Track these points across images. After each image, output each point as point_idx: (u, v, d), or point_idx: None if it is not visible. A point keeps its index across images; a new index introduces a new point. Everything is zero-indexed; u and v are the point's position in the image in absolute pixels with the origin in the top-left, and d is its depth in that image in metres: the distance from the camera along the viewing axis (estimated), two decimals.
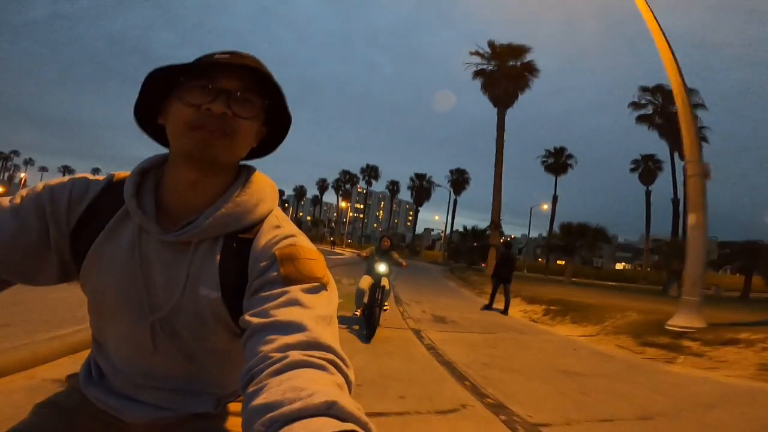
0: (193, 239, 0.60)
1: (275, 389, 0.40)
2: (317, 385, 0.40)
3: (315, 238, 71.61)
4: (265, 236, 0.61)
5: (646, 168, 32.74)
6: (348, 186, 70.70)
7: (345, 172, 71.41)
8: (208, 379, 0.65)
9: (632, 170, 33.68)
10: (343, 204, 72.34)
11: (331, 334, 0.51)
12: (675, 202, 25.35)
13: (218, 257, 0.60)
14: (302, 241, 0.61)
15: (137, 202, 0.61)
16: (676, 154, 24.92)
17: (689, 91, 7.03)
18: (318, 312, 0.52)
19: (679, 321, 5.26)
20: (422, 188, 56.08)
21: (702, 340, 4.71)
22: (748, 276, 20.69)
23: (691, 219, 5.53)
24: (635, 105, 26.09)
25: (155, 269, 0.61)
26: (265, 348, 0.47)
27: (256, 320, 0.51)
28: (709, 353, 4.43)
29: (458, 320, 6.56)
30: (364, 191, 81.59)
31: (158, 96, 0.61)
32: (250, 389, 0.43)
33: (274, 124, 0.67)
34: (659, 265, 25.39)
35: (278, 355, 0.45)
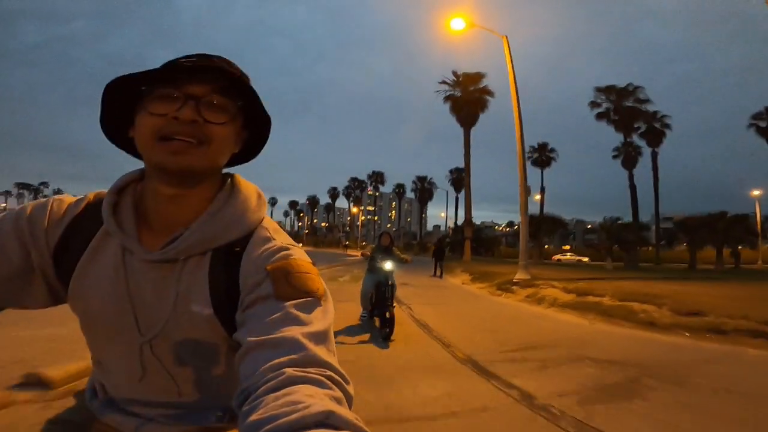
0: (179, 256, 0.57)
1: (272, 404, 0.39)
2: (314, 398, 0.39)
3: (331, 243, 76.80)
4: (255, 249, 0.59)
5: (628, 154, 36.16)
6: (358, 192, 75.43)
7: (354, 179, 76.23)
8: (211, 393, 0.63)
9: (614, 157, 37.12)
10: (354, 209, 77.34)
11: (327, 350, 0.50)
12: (632, 187, 29.05)
13: (207, 273, 0.58)
14: (296, 254, 0.59)
15: (116, 222, 0.59)
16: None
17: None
18: (313, 328, 0.50)
19: (518, 276, 9.65)
20: (424, 189, 60.35)
21: (519, 286, 9.09)
22: (693, 249, 24.15)
23: (522, 218, 9.92)
24: (593, 104, 29.84)
25: (143, 289, 0.58)
26: (260, 367, 0.45)
27: (249, 338, 0.49)
28: (516, 291, 8.81)
29: (415, 283, 10.96)
30: (374, 194, 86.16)
31: (126, 107, 0.58)
32: (246, 407, 0.42)
33: (255, 127, 0.64)
34: (594, 245, 30.19)
35: (274, 373, 0.44)
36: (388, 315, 4.39)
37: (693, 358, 3.86)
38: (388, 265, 4.80)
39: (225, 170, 0.65)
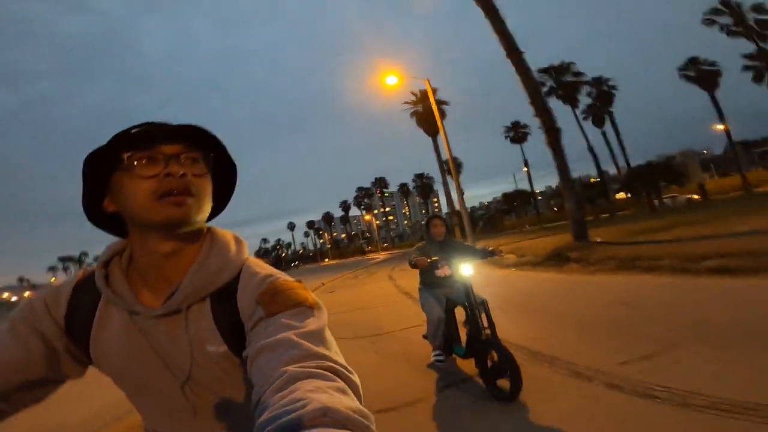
0: (181, 306, 0.62)
1: (277, 404, 0.40)
2: (316, 393, 0.41)
3: (354, 251, 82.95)
4: (245, 285, 0.63)
5: (596, 114, 40.76)
6: (366, 200, 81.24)
7: (360, 189, 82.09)
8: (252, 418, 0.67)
9: (584, 119, 42.01)
10: (366, 217, 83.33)
11: (324, 345, 0.52)
12: (591, 149, 34.05)
13: (211, 315, 0.63)
14: (279, 277, 0.63)
15: (113, 291, 0.63)
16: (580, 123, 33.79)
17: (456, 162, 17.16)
18: (307, 328, 0.53)
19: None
20: (424, 185, 65.65)
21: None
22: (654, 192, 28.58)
23: (462, 210, 15.42)
24: (541, 84, 34.77)
25: (159, 341, 0.62)
26: (265, 370, 0.48)
27: (251, 349, 0.53)
28: None
29: (404, 263, 16.21)
30: (382, 197, 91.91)
31: (98, 181, 0.61)
32: (258, 411, 0.44)
33: (220, 177, 0.68)
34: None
35: (276, 373, 0.46)
36: (496, 357, 2.54)
37: (501, 275, 9.25)
38: (464, 269, 2.87)
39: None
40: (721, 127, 36.46)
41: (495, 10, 10.11)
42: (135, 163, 0.58)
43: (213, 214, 0.71)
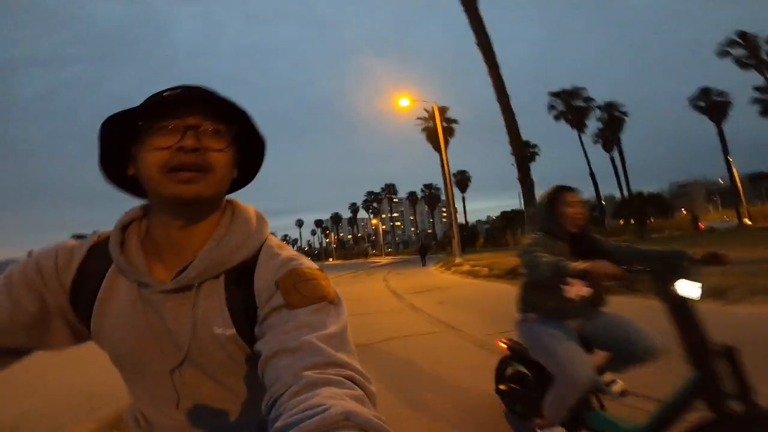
0: (193, 282, 0.60)
1: (295, 410, 0.40)
2: (334, 400, 0.40)
3: (359, 254, 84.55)
4: (264, 266, 0.61)
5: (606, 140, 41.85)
6: (375, 204, 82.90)
7: (370, 193, 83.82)
8: (245, 411, 0.65)
9: (595, 143, 43.16)
10: (374, 221, 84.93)
11: (345, 351, 0.50)
12: (592, 174, 35.15)
13: (223, 294, 0.61)
14: (302, 262, 0.61)
15: (126, 259, 0.61)
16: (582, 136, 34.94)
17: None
18: (328, 331, 0.52)
19: (456, 261, 16.59)
20: (432, 195, 67.14)
21: (454, 266, 16.02)
22: (640, 221, 29.82)
23: (452, 227, 16.86)
24: (551, 107, 36.11)
25: (162, 319, 0.60)
26: (282, 373, 0.47)
27: (268, 347, 0.51)
28: (450, 269, 15.66)
29: (406, 271, 17.54)
30: (390, 203, 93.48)
31: (122, 145, 0.60)
32: (272, 415, 0.43)
33: (249, 150, 0.66)
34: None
35: (295, 378, 0.45)
36: None
37: (468, 282, 10.77)
38: (687, 288, 1.31)
39: (226, 196, 0.67)
40: (729, 158, 37.17)
41: (493, 57, 11.63)
42: (149, 132, 0.56)
43: (238, 186, 0.70)
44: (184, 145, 0.55)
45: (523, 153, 11.98)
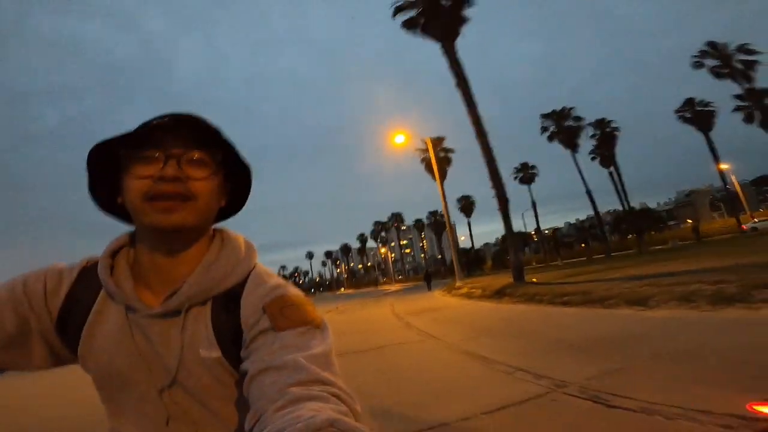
0: (181, 307, 0.61)
1: (279, 421, 0.41)
2: (320, 411, 0.41)
3: (369, 282, 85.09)
4: (251, 292, 0.62)
5: (603, 156, 43.08)
6: (383, 233, 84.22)
7: (377, 222, 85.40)
8: (234, 429, 0.65)
9: (592, 159, 44.41)
10: (382, 250, 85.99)
11: (330, 371, 0.51)
12: (589, 192, 36.29)
13: (210, 319, 0.61)
14: (287, 289, 0.62)
15: (115, 283, 0.62)
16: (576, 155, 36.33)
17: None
18: (314, 351, 0.53)
19: (457, 284, 17.62)
20: (437, 222, 68.37)
21: (455, 289, 17.04)
22: (638, 235, 30.73)
23: (453, 252, 18.01)
24: (543, 129, 37.71)
25: (150, 342, 0.61)
26: (267, 389, 0.48)
27: (254, 366, 0.52)
28: (451, 292, 16.65)
29: (411, 296, 18.60)
30: (400, 228, 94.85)
31: (112, 174, 0.60)
32: (257, 429, 0.44)
33: (236, 177, 0.67)
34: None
35: (279, 393, 0.46)
36: None
37: (462, 303, 11.84)
38: None
39: (216, 225, 0.68)
40: (725, 166, 37.76)
41: (471, 97, 13.24)
42: (133, 160, 0.57)
43: (228, 214, 0.71)
44: (164, 174, 0.56)
45: (501, 187, 13.38)
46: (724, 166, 40.23)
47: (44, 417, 4.23)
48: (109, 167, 0.61)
